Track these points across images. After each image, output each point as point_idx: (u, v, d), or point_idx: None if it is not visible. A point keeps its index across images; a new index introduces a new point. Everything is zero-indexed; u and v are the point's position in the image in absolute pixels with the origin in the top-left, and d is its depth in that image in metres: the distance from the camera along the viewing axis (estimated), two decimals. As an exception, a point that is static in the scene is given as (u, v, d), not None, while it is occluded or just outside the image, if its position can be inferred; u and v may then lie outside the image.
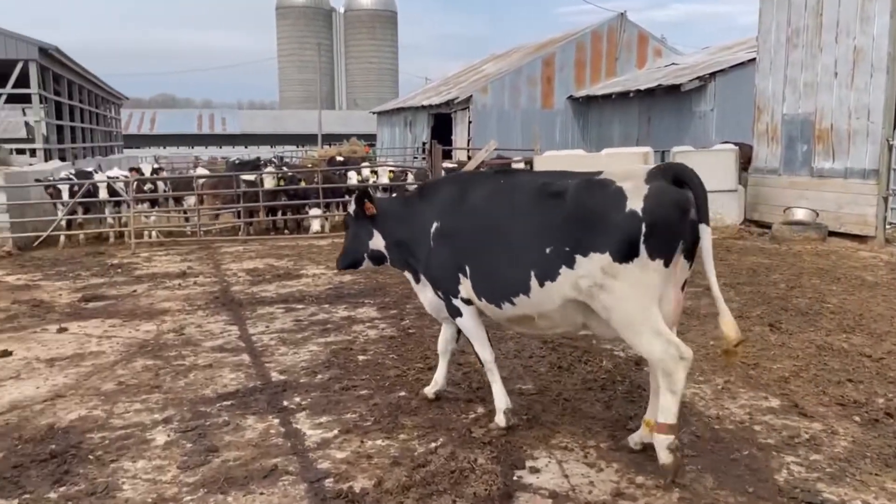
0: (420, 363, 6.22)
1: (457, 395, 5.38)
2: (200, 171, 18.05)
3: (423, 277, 5.00)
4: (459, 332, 5.10)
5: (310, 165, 22.38)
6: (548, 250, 4.09)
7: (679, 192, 3.84)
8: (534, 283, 4.16)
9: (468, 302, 4.67)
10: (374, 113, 47.57)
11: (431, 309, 5.12)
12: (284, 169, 17.46)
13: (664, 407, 3.88)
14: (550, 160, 13.88)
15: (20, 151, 26.23)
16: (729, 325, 3.86)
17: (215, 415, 5.15)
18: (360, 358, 6.46)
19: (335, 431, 4.79)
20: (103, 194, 14.17)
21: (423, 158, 35.85)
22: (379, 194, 13.86)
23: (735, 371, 5.83)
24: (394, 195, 14.13)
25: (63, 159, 23.68)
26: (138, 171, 15.90)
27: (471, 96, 30.01)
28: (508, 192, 4.43)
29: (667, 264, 3.86)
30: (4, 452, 4.57)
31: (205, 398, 5.51)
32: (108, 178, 14.56)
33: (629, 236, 3.82)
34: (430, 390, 5.28)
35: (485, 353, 4.82)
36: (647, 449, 4.31)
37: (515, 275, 4.24)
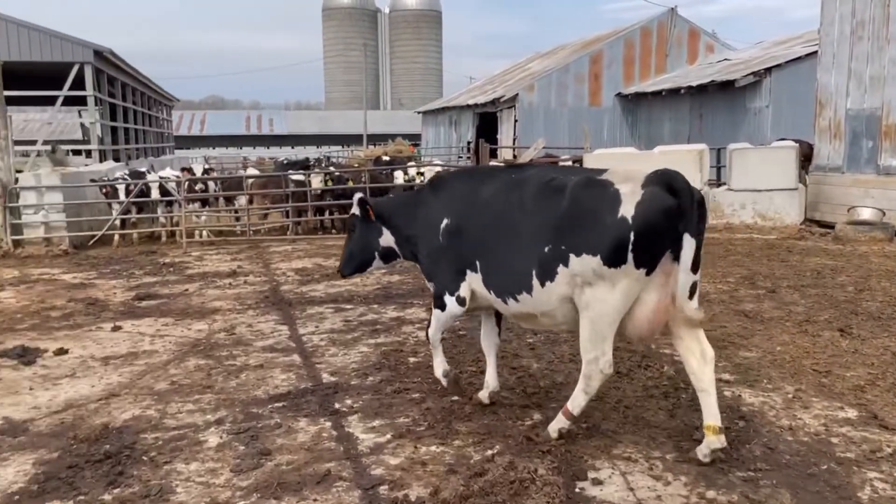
0: (472, 366, 6.07)
1: (511, 401, 5.21)
2: (251, 171, 18.17)
3: None
4: (500, 322, 5.15)
5: (356, 165, 22.44)
6: (546, 249, 4.14)
7: (670, 200, 3.84)
8: (535, 281, 4.20)
9: (461, 302, 4.76)
10: (418, 113, 47.62)
11: None
12: (331, 169, 17.51)
13: (575, 400, 4.28)
14: (601, 158, 13.58)
15: (76, 153, 26.98)
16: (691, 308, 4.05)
17: (267, 416, 5.08)
18: (411, 360, 6.34)
19: (388, 436, 4.67)
20: (156, 194, 14.39)
21: (468, 158, 35.79)
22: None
23: (806, 379, 5.53)
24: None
25: (117, 160, 24.21)
26: (190, 171, 16.12)
27: (517, 95, 29.74)
28: (516, 189, 4.44)
29: (649, 273, 3.92)
30: (59, 452, 4.57)
31: (256, 399, 5.45)
32: (161, 178, 14.77)
33: (619, 242, 3.86)
34: (483, 394, 5.13)
35: (436, 336, 5.13)
36: (716, 461, 4.08)
37: (519, 273, 4.30)
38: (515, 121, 29.77)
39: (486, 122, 34.18)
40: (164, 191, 14.34)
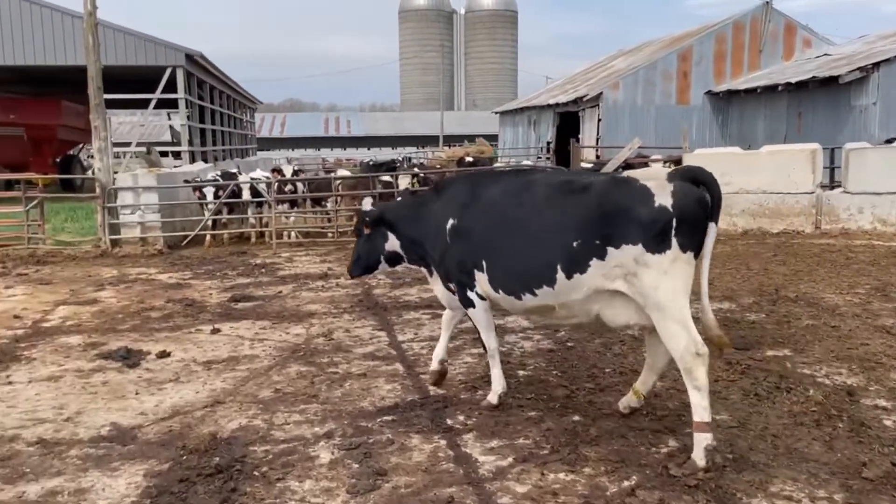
0: (589, 382, 5.65)
1: (641, 425, 4.78)
2: (341, 172, 18.14)
3: (434, 271, 5.31)
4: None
5: (438, 166, 22.25)
6: (575, 244, 4.33)
7: (701, 192, 4.18)
8: (560, 275, 4.41)
9: (482, 297, 4.94)
10: (496, 113, 47.20)
11: (444, 300, 5.48)
12: (416, 170, 17.34)
13: (695, 405, 4.09)
14: (703, 158, 12.85)
15: (163, 154, 27.83)
16: (710, 321, 4.26)
17: (378, 431, 4.82)
18: (521, 373, 5.97)
19: (510, 459, 4.32)
20: (246, 195, 14.51)
21: (548, 158, 35.17)
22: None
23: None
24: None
25: (205, 161, 24.81)
26: (279, 172, 16.22)
27: (601, 93, 28.96)
28: (527, 190, 4.65)
29: (696, 256, 4.20)
30: (170, 464, 4.42)
31: (364, 411, 5.20)
32: (252, 179, 14.90)
33: (662, 229, 4.11)
34: (434, 363, 5.61)
35: (491, 342, 5.18)
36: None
37: (539, 268, 4.49)
38: (599, 120, 28.99)
39: (567, 122, 33.48)
40: (254, 192, 14.45)
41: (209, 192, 13.99)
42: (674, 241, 4.12)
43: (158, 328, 7.78)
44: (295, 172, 17.28)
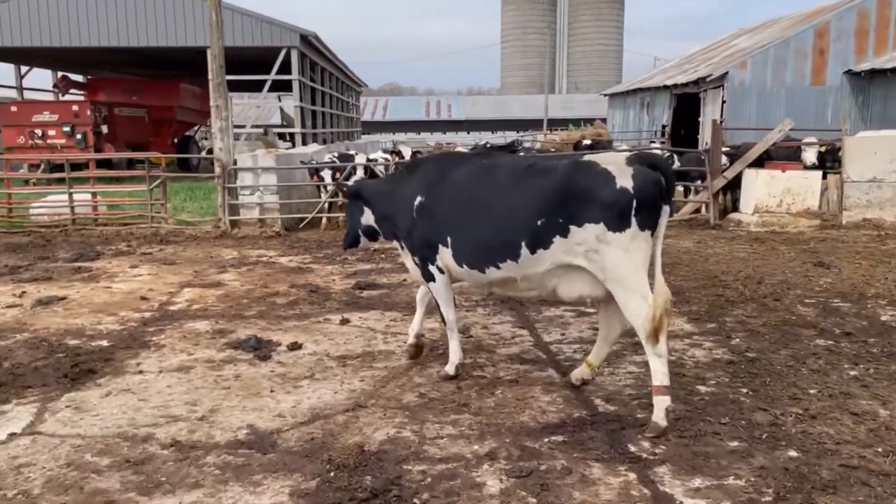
0: (793, 406, 4.74)
1: (882, 468, 3.85)
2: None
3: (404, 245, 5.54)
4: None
5: (552, 150, 21.28)
6: (539, 223, 4.63)
7: (657, 175, 4.50)
8: (524, 251, 4.71)
9: (441, 270, 5.24)
10: (604, 95, 45.48)
11: (414, 274, 5.67)
12: (533, 152, 16.48)
13: (655, 370, 4.42)
14: (869, 143, 11.38)
15: (279, 136, 28.12)
16: (662, 288, 4.42)
17: (548, 455, 4.11)
18: (702, 389, 5.12)
19: (724, 506, 3.51)
20: (361, 176, 14.11)
21: (662, 142, 33.36)
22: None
23: None
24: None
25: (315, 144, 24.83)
26: (398, 154, 15.76)
27: (726, 73, 27.00)
28: (494, 172, 4.93)
29: (653, 234, 4.51)
30: (317, 481, 3.87)
31: (526, 428, 4.51)
32: (369, 160, 14.48)
33: (622, 209, 4.42)
34: (410, 338, 5.85)
35: (449, 314, 5.47)
36: None
37: (505, 244, 4.78)
38: (723, 102, 27.09)
39: (685, 104, 31.61)
40: (371, 174, 14.02)
41: (327, 174, 13.66)
42: (633, 220, 4.44)
43: (285, 316, 7.37)
44: (414, 154, 16.79)
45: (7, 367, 5.86)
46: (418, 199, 5.23)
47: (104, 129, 24.36)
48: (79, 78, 30.87)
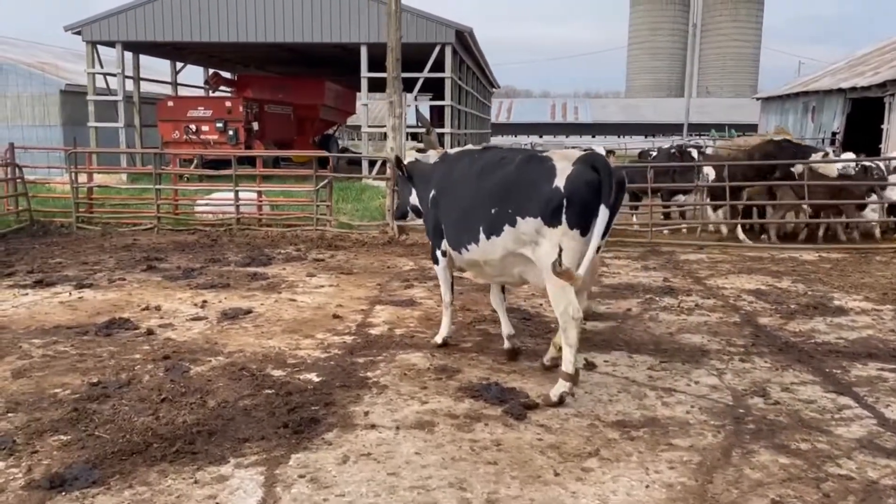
0: None
1: None
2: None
3: None
4: (504, 289, 6.14)
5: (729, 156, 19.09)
6: (493, 211, 5.14)
7: (592, 176, 4.72)
8: (482, 236, 5.26)
9: (444, 254, 5.88)
10: (757, 99, 42.17)
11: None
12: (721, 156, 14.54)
13: (565, 358, 4.88)
14: None
15: (412, 136, 27.35)
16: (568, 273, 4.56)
17: None
18: None
19: None
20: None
21: (834, 151, 30.09)
22: None
23: None
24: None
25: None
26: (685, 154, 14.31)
27: (924, 75, 23.79)
28: (475, 165, 5.45)
29: (583, 234, 4.78)
30: None
31: None
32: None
33: (555, 206, 4.77)
34: (505, 340, 6.01)
35: (447, 296, 6.17)
36: None
37: (470, 229, 5.36)
38: (919, 108, 23.86)
39: (860, 110, 28.39)
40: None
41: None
42: (563, 218, 4.76)
43: (519, 360, 6.04)
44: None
45: (213, 406, 4.89)
46: (433, 192, 5.85)
47: (255, 125, 24.33)
48: (227, 75, 31.38)
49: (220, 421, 4.66)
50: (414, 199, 6.37)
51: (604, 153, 13.02)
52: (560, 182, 4.75)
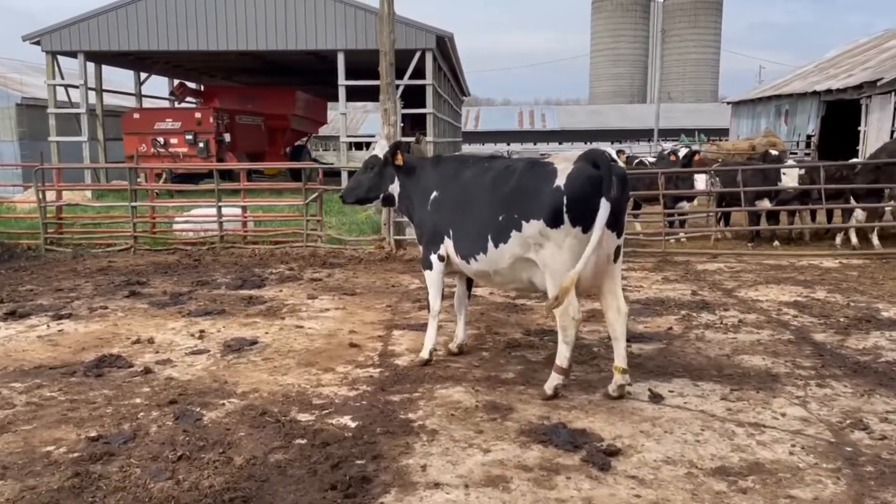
0: None
1: None
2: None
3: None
4: (470, 288, 6.29)
5: (717, 161, 18.79)
6: (500, 218, 5.16)
7: (593, 171, 4.79)
8: (490, 245, 5.25)
9: (441, 259, 5.78)
10: (728, 103, 42.41)
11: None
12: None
13: (561, 354, 5.06)
14: None
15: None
16: (570, 278, 4.72)
17: None
18: None
19: None
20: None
21: (807, 154, 30.17)
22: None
23: None
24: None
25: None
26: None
27: (901, 77, 23.92)
28: (483, 173, 5.44)
29: (585, 231, 4.80)
30: None
31: None
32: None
33: (556, 206, 4.84)
34: (452, 345, 6.25)
35: (436, 304, 5.99)
36: None
37: (478, 239, 5.33)
38: (896, 109, 23.98)
39: (836, 113, 28.58)
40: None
41: (792, 175, 11.96)
42: (565, 217, 4.82)
43: (572, 392, 5.35)
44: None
45: (240, 464, 4.14)
46: (434, 193, 5.76)
47: (226, 137, 23.37)
48: (193, 85, 30.29)
49: (252, 483, 3.92)
50: (395, 189, 6.18)
51: (614, 154, 12.54)
52: (561, 181, 4.83)
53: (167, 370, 5.93)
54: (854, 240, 11.52)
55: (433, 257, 5.82)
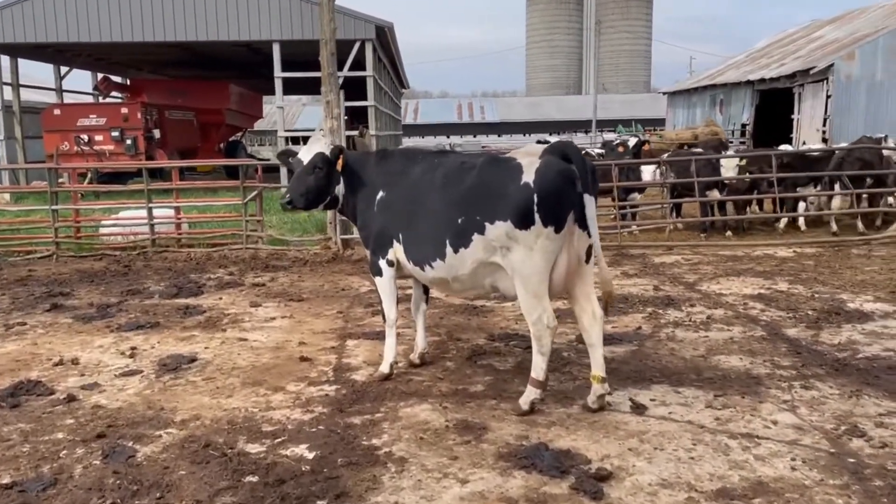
0: None
1: None
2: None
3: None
4: (427, 291, 5.77)
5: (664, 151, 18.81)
6: (460, 221, 4.72)
7: (564, 165, 4.50)
8: (448, 250, 4.81)
9: (391, 264, 5.29)
10: (664, 93, 43.02)
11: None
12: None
13: (536, 365, 4.69)
14: None
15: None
16: (605, 279, 4.81)
17: None
18: None
19: None
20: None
21: (742, 142, 30.76)
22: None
23: None
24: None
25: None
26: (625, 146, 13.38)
27: (831, 65, 24.51)
28: (435, 171, 4.99)
29: (557, 231, 4.47)
30: None
31: None
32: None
33: (525, 205, 4.44)
34: (413, 356, 5.78)
35: (391, 312, 5.47)
36: None
37: (435, 243, 4.87)
38: (828, 97, 24.58)
39: (769, 102, 29.19)
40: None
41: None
42: (536, 216, 4.43)
43: (548, 405, 4.92)
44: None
45: (182, 512, 3.56)
46: (380, 193, 5.30)
47: (156, 133, 22.20)
48: (118, 79, 28.77)
49: (197, 536, 3.36)
50: (340, 190, 5.60)
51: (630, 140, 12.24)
52: (528, 177, 4.47)
53: (94, 396, 5.27)
54: (803, 226, 11.74)
55: (382, 262, 5.33)
